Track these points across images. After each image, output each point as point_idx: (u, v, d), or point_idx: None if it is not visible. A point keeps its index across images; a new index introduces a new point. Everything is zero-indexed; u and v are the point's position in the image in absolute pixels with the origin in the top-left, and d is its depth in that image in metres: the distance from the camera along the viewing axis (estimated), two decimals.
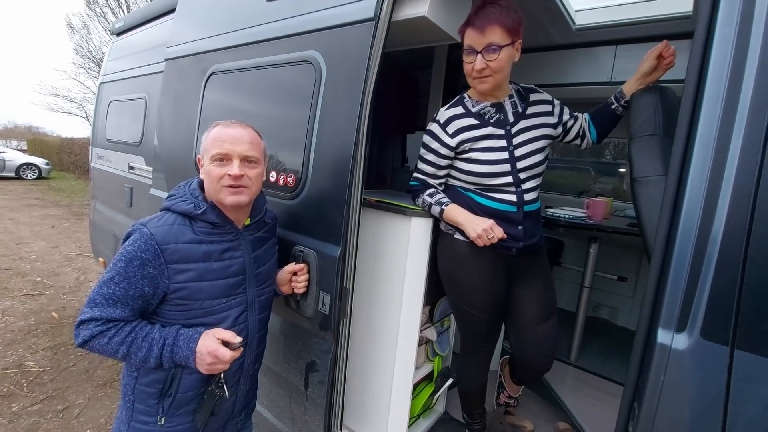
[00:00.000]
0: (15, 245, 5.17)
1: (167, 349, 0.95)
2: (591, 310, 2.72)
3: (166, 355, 0.95)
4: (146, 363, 0.95)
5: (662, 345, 0.77)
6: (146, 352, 0.94)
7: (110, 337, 0.91)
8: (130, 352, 0.93)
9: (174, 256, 0.96)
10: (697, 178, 0.77)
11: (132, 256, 0.93)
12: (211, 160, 1.01)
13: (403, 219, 1.33)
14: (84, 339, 0.91)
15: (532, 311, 1.31)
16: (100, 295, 0.92)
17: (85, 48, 11.35)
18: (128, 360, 0.95)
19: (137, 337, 0.94)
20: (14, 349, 2.76)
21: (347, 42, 1.21)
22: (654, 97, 1.16)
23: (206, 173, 1.02)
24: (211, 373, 0.99)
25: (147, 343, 0.94)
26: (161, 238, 0.96)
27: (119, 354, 0.93)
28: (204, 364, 0.96)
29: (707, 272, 0.73)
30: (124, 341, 0.92)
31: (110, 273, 0.93)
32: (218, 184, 1.01)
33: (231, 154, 1.01)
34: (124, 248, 0.95)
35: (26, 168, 11.95)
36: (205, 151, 1.03)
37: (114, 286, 0.92)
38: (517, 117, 1.26)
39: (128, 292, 0.93)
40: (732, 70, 0.73)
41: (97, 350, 0.93)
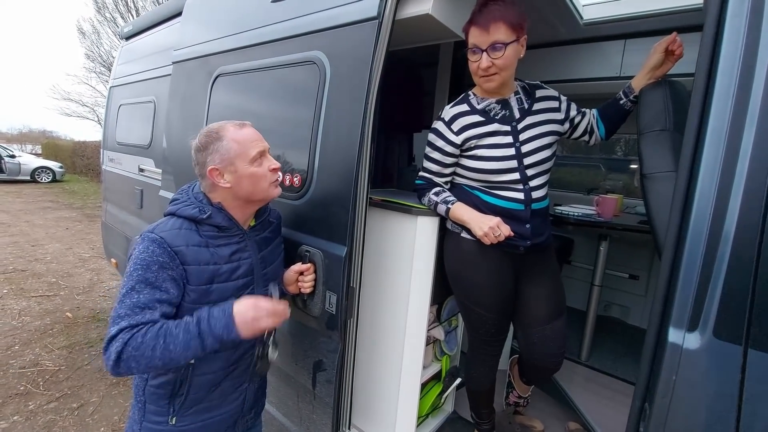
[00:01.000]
0: (31, 247, 5.29)
1: (204, 324, 0.90)
2: (602, 309, 2.68)
3: (204, 331, 0.90)
4: (187, 351, 0.88)
5: (673, 344, 0.75)
6: (184, 337, 0.88)
7: (143, 335, 0.86)
8: (168, 344, 0.86)
9: (186, 259, 0.96)
10: (708, 174, 0.75)
11: (149, 262, 0.91)
12: (251, 162, 1.01)
13: (409, 218, 1.33)
14: (117, 352, 0.84)
15: (540, 310, 1.30)
16: (124, 308, 0.88)
17: (95, 53, 11.56)
18: (168, 357, 0.87)
19: (169, 326, 0.89)
20: (31, 348, 2.83)
21: (351, 42, 1.21)
22: (664, 91, 1.14)
23: (249, 176, 1.01)
24: (256, 332, 0.94)
25: (181, 328, 0.89)
26: (172, 240, 0.95)
27: (157, 351, 0.86)
28: (247, 321, 0.92)
29: (719, 270, 0.71)
30: (158, 334, 0.87)
31: (129, 284, 0.90)
32: (266, 182, 1.03)
33: (266, 150, 1.05)
34: (137, 257, 0.93)
35: (41, 171, 12.20)
36: (237, 157, 1.00)
37: (137, 295, 0.89)
38: (523, 113, 1.24)
39: (154, 296, 0.90)
40: (743, 62, 0.72)
41: (134, 359, 0.85)
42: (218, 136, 1.01)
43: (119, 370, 0.86)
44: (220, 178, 1.01)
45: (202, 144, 1.02)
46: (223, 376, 1.08)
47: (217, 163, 1.00)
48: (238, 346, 1.09)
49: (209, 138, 1.02)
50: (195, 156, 1.04)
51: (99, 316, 3.38)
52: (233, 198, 1.04)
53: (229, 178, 1.01)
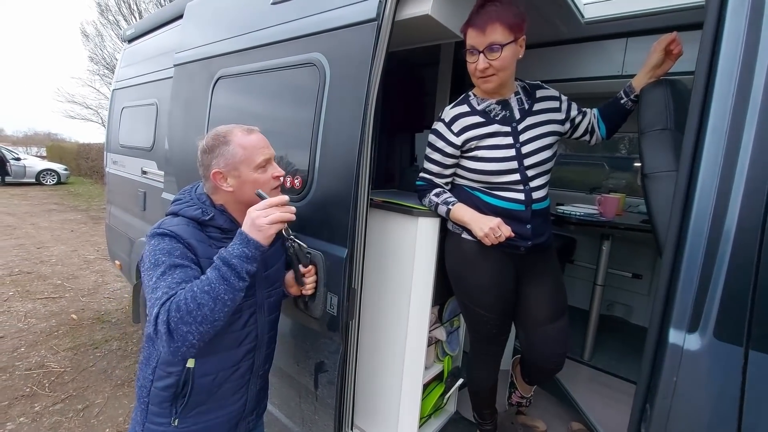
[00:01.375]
0: (36, 249, 5.33)
1: (224, 253, 0.90)
2: (605, 308, 2.67)
3: (227, 258, 0.89)
4: (226, 287, 0.87)
5: (674, 345, 0.75)
6: (214, 275, 0.87)
7: (178, 296, 0.85)
8: (204, 289, 0.85)
9: (197, 252, 0.97)
10: (708, 174, 0.75)
11: (170, 249, 0.92)
12: (255, 168, 1.02)
13: (410, 219, 1.33)
14: (165, 323, 0.82)
15: (542, 311, 1.30)
16: (160, 291, 0.86)
17: (99, 55, 11.65)
18: (212, 303, 0.86)
19: (196, 282, 0.88)
20: (36, 350, 2.85)
21: (350, 43, 1.21)
22: (665, 90, 1.13)
23: (252, 182, 1.02)
24: (272, 228, 0.94)
25: (208, 273, 0.89)
26: (182, 234, 0.96)
27: (199, 300, 0.84)
28: (261, 220, 0.92)
29: (719, 271, 0.71)
30: (192, 287, 0.86)
31: (157, 272, 0.89)
32: (268, 189, 1.03)
33: (271, 157, 1.05)
34: (154, 249, 0.92)
35: (46, 174, 12.31)
36: (242, 162, 1.00)
37: (169, 277, 0.88)
38: (524, 114, 1.24)
39: (187, 275, 0.90)
40: (743, 61, 0.71)
41: (183, 322, 0.83)
42: (225, 140, 1.02)
43: (176, 343, 0.84)
44: (224, 181, 1.02)
45: (209, 146, 1.03)
46: (225, 377, 1.09)
47: (222, 167, 1.01)
48: (239, 346, 1.10)
49: (216, 141, 1.02)
50: (201, 157, 1.05)
51: (104, 318, 3.40)
52: (235, 202, 1.05)
53: (232, 183, 1.02)
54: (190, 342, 0.85)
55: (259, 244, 0.92)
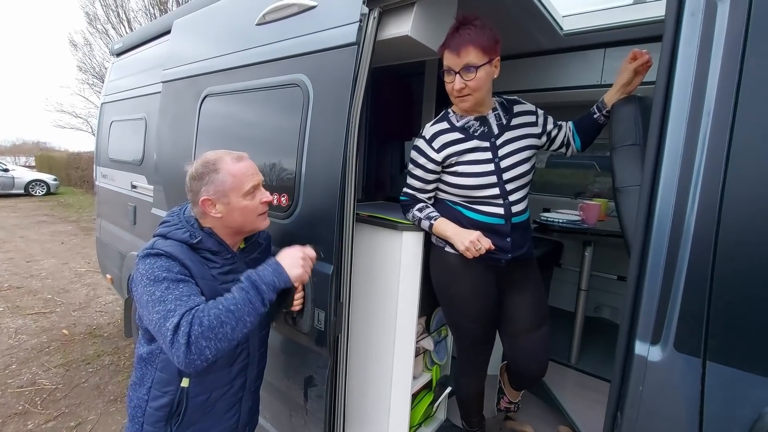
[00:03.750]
0: (26, 263, 5.28)
1: (254, 276, 0.94)
2: (592, 311, 2.73)
3: (257, 281, 0.93)
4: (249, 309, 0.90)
5: (640, 357, 0.79)
6: (241, 296, 0.90)
7: (202, 311, 0.87)
8: (229, 308, 0.88)
9: (192, 272, 0.99)
10: (666, 190, 0.78)
11: (168, 266, 0.93)
12: (244, 195, 1.04)
13: (395, 234, 1.37)
14: (186, 335, 0.83)
15: (523, 320, 1.34)
16: (169, 303, 0.87)
17: (88, 64, 11.57)
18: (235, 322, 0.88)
19: (224, 296, 0.91)
20: (28, 367, 2.84)
21: (332, 65, 1.25)
22: (634, 107, 1.18)
23: (241, 209, 1.05)
24: (305, 278, 1.03)
25: (234, 291, 0.92)
26: (176, 253, 0.98)
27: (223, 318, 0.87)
28: (299, 266, 1.00)
29: (678, 285, 0.75)
30: (217, 304, 0.89)
31: (161, 288, 0.90)
32: (255, 214, 1.07)
33: (259, 183, 1.09)
34: (150, 268, 0.93)
35: (35, 184, 12.17)
36: (231, 190, 1.03)
37: (175, 291, 0.90)
38: (502, 129, 1.29)
39: (192, 289, 0.93)
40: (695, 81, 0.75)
41: (204, 337, 0.85)
42: (215, 167, 1.03)
43: (191, 356, 0.84)
44: (212, 208, 1.04)
45: (198, 173, 1.04)
46: (218, 396, 1.11)
47: (211, 194, 1.03)
48: (233, 365, 1.12)
49: (206, 168, 1.04)
50: (189, 183, 1.06)
51: (95, 333, 3.39)
52: (223, 226, 1.08)
53: (221, 209, 1.04)
54: (205, 356, 0.87)
55: (289, 280, 0.98)
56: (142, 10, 10.45)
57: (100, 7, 10.66)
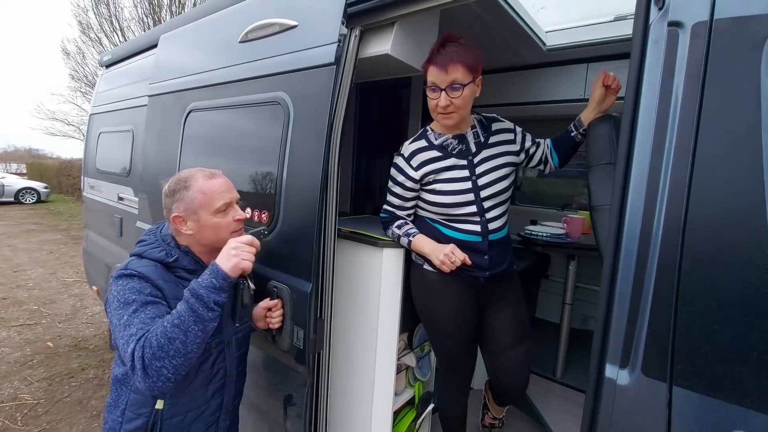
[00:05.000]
0: (13, 273, 5.21)
1: (194, 284, 0.92)
2: (579, 323, 2.73)
3: (196, 289, 0.91)
4: (195, 318, 0.89)
5: (610, 380, 0.79)
6: (184, 307, 0.89)
7: (152, 331, 0.87)
8: (174, 323, 0.87)
9: (165, 293, 0.99)
10: (634, 211, 0.79)
11: (138, 288, 0.94)
12: (214, 213, 1.04)
13: (375, 250, 1.37)
14: (140, 359, 0.84)
15: (504, 337, 1.34)
16: (134, 327, 0.88)
17: (80, 72, 11.52)
18: (184, 336, 0.87)
19: (167, 316, 0.90)
20: (9, 381, 2.78)
21: (313, 84, 1.26)
22: (609, 126, 1.20)
23: (212, 226, 1.05)
24: (242, 265, 0.98)
25: (179, 306, 0.91)
26: (150, 274, 0.98)
27: (169, 335, 0.86)
28: (230, 256, 0.96)
29: (645, 309, 0.76)
30: (164, 322, 0.88)
31: (129, 310, 0.91)
32: (227, 232, 1.06)
33: (232, 201, 1.08)
34: (122, 290, 0.94)
35: (25, 192, 12.04)
36: (201, 207, 1.03)
37: (141, 314, 0.90)
38: (479, 147, 1.30)
39: (159, 312, 0.93)
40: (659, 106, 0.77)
41: (156, 358, 0.85)
42: (186, 185, 1.05)
43: (150, 380, 0.85)
44: (183, 225, 1.05)
45: (170, 190, 1.06)
46: (194, 417, 1.09)
47: (181, 211, 1.04)
48: (209, 385, 1.11)
49: (177, 185, 1.05)
50: (163, 200, 1.08)
51: (81, 345, 3.33)
52: (197, 244, 1.07)
53: (191, 226, 1.04)
54: (165, 376, 0.87)
55: (227, 275, 0.95)
56: (135, 20, 10.47)
57: (93, 16, 10.67)
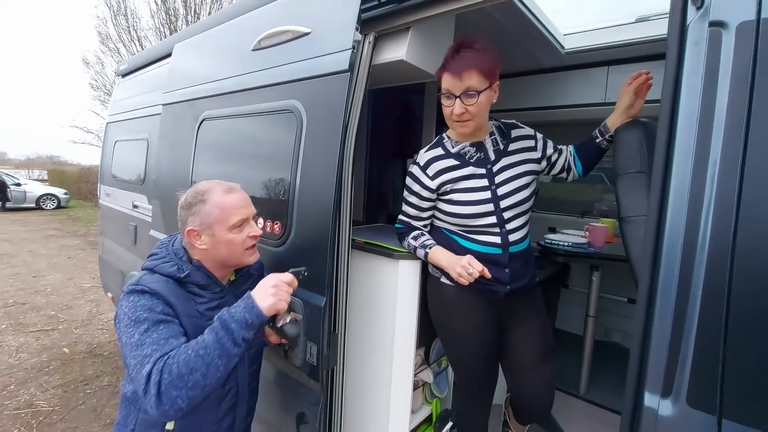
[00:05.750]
0: (32, 278, 5.31)
1: (225, 315, 0.89)
2: (602, 335, 2.62)
3: (227, 320, 0.87)
4: (221, 351, 0.84)
5: (649, 409, 0.73)
6: (211, 337, 0.85)
7: (174, 357, 0.83)
8: (199, 352, 0.83)
9: (177, 310, 0.96)
10: (674, 225, 0.73)
11: (150, 306, 0.91)
12: (230, 229, 1.01)
13: (391, 262, 1.32)
14: (156, 384, 0.80)
15: (526, 356, 1.27)
16: (147, 347, 0.84)
17: (99, 81, 11.81)
18: (205, 368, 0.83)
19: (196, 339, 0.87)
20: (26, 387, 2.81)
21: (325, 92, 1.22)
22: (638, 132, 1.13)
23: (226, 242, 1.02)
24: (279, 306, 0.93)
25: (206, 332, 0.87)
26: (160, 289, 0.95)
27: (192, 364, 0.82)
28: (268, 295, 0.92)
29: (689, 332, 0.70)
30: (188, 347, 0.84)
31: (141, 329, 0.87)
32: (242, 248, 1.03)
33: (249, 217, 1.05)
34: (134, 308, 0.90)
35: (46, 198, 12.36)
36: (217, 222, 1.00)
37: (154, 333, 0.87)
38: (499, 155, 1.24)
39: (172, 330, 0.90)
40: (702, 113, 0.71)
41: (174, 386, 0.81)
42: (202, 198, 1.02)
43: (163, 407, 0.81)
44: (198, 239, 1.02)
45: (187, 203, 1.04)
46: None
47: (197, 225, 1.01)
48: (220, 404, 1.07)
49: (195, 198, 1.03)
50: (179, 212, 1.05)
51: (96, 351, 3.36)
52: (210, 259, 1.04)
53: (206, 241, 1.02)
54: (178, 406, 0.83)
55: (262, 314, 0.91)
56: (152, 30, 10.71)
57: (112, 27, 10.95)
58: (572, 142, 1.38)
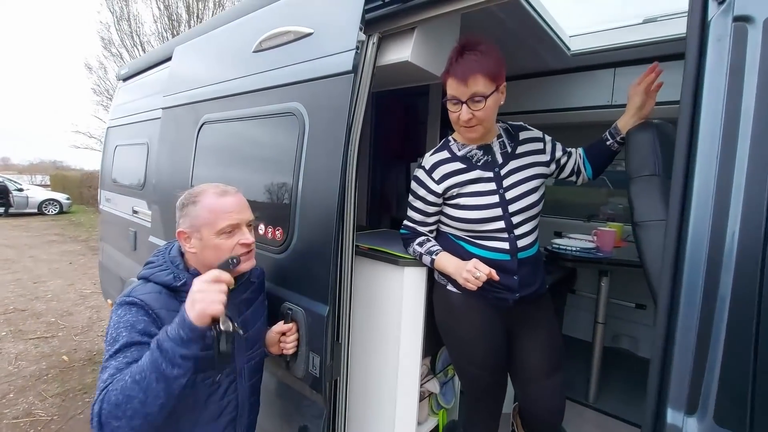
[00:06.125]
0: (33, 284, 5.28)
1: (161, 334, 0.81)
2: (610, 340, 2.57)
3: (162, 339, 0.79)
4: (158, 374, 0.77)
5: (673, 427, 0.69)
6: (147, 359, 0.78)
7: (113, 384, 0.78)
8: (135, 377, 0.77)
9: (166, 323, 0.90)
10: (698, 226, 0.69)
11: (132, 322, 0.87)
12: (219, 233, 0.97)
13: (396, 269, 1.29)
14: (97, 415, 0.76)
15: (535, 366, 1.22)
16: (106, 374, 0.81)
17: (102, 87, 11.84)
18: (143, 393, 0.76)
19: (134, 365, 0.80)
20: (24, 396, 2.76)
21: (329, 94, 1.19)
22: (651, 134, 1.10)
23: (213, 247, 0.97)
24: (210, 310, 0.80)
25: (142, 359, 0.80)
26: (152, 302, 0.92)
27: (128, 391, 0.76)
28: (194, 302, 0.80)
29: (716, 345, 0.65)
30: (126, 373, 0.78)
31: (114, 348, 0.84)
32: (229, 255, 0.98)
33: (241, 222, 1.00)
34: (118, 321, 0.88)
35: (48, 204, 12.37)
36: (205, 225, 0.97)
37: (121, 356, 0.83)
38: (507, 158, 1.21)
39: (139, 355, 0.84)
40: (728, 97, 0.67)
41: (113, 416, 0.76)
42: (195, 200, 1.00)
43: (102, 419, 0.76)
44: (188, 242, 1.00)
45: (180, 204, 1.02)
46: None
47: (186, 227, 0.99)
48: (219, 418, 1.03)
49: (187, 200, 1.01)
50: (175, 213, 1.03)
51: (95, 359, 3.32)
52: (200, 264, 1.01)
53: (195, 244, 0.99)
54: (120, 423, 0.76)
55: (193, 324, 0.79)
56: (155, 35, 10.75)
57: (115, 32, 10.99)
58: (579, 145, 1.34)
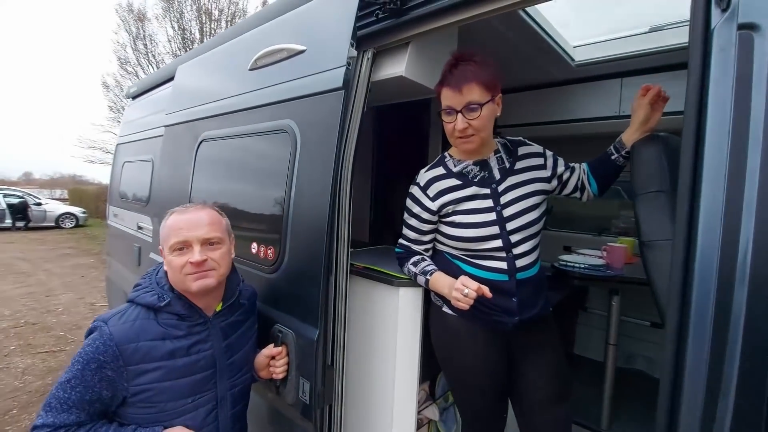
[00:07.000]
0: (45, 298, 5.36)
1: None
2: (624, 361, 2.44)
3: None
4: None
5: None
6: None
7: None
8: None
9: (135, 356, 0.91)
10: (707, 247, 0.63)
11: (89, 358, 0.88)
12: (170, 250, 0.96)
13: (390, 289, 1.24)
14: None
15: (538, 395, 1.15)
16: (55, 399, 0.86)
17: (118, 104, 12.21)
18: None
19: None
20: (28, 412, 2.76)
21: (320, 110, 1.17)
22: (658, 148, 1.04)
23: (167, 264, 0.98)
24: None
25: None
26: (121, 337, 0.90)
27: None
28: None
29: (730, 374, 0.59)
30: None
31: (67, 375, 0.88)
32: (181, 273, 0.96)
33: (190, 240, 0.97)
34: (83, 348, 0.90)
35: (65, 217, 12.68)
36: (164, 242, 0.98)
37: (70, 390, 0.86)
38: (504, 173, 1.16)
39: (84, 397, 0.87)
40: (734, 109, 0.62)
41: None
42: (166, 216, 1.01)
43: None
44: (164, 260, 1.00)
45: None
46: None
47: (160, 244, 1.01)
48: None
49: (164, 218, 1.02)
50: None
51: None
52: (173, 283, 1.00)
53: (164, 262, 1.00)
54: None
55: None
56: (169, 54, 11.08)
57: (131, 51, 11.38)
58: (588, 157, 1.29)
